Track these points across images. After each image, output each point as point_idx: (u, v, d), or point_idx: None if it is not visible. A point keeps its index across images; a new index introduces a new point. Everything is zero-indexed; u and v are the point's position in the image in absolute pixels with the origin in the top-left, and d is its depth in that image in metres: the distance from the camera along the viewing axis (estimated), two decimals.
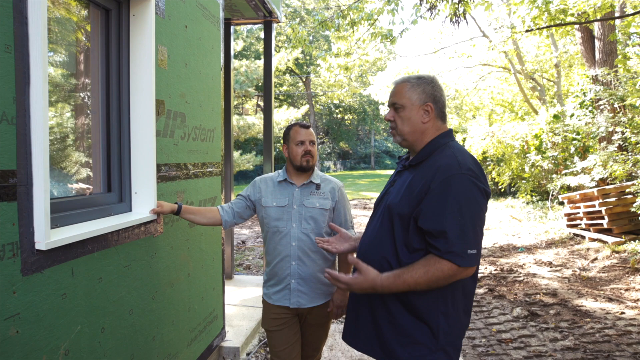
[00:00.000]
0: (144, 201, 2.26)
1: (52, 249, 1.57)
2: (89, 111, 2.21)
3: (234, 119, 16.56)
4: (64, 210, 1.82)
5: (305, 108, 23.81)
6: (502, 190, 14.56)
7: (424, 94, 1.64)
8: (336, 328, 4.02)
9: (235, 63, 17.52)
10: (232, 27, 5.07)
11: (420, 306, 1.55)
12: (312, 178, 2.32)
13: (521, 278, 5.92)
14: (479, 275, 6.16)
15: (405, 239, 1.56)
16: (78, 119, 2.24)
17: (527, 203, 12.26)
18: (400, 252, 1.56)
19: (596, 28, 8.92)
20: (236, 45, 18.38)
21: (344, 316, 2.00)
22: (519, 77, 13.91)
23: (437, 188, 1.49)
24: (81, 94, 2.21)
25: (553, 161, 10.33)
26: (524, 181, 11.58)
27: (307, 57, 30.65)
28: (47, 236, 1.51)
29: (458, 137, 14.68)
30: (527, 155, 10.98)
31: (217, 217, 2.33)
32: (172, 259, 2.54)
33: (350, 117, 41.65)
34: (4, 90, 1.37)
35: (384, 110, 20.36)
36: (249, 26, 25.24)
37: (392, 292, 1.53)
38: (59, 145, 2.17)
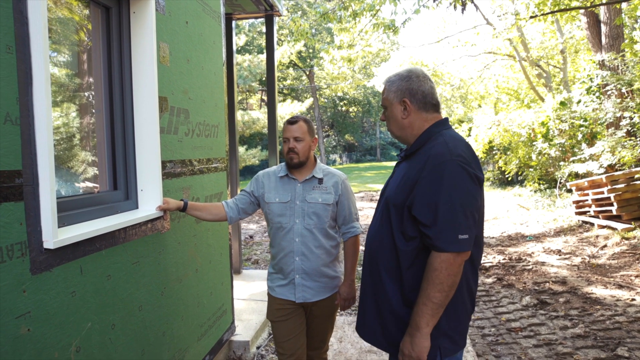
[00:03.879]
0: (150, 198, 2.27)
1: (60, 248, 1.58)
2: (92, 110, 2.22)
3: (239, 114, 16.55)
4: (71, 209, 1.84)
5: (309, 101, 23.71)
6: (510, 179, 14.47)
7: (398, 91, 1.68)
8: (345, 320, 4.03)
9: (238, 58, 17.49)
10: (233, 22, 5.06)
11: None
12: (314, 172, 2.31)
13: (530, 267, 5.90)
14: (488, 264, 6.14)
15: (401, 228, 1.59)
16: (82, 118, 2.25)
17: (535, 191, 12.18)
18: (397, 240, 1.60)
19: (602, 12, 8.78)
20: (238, 40, 18.32)
21: (352, 307, 2.01)
22: (525, 64, 13.75)
23: (427, 176, 1.52)
24: (84, 93, 2.22)
25: (560, 148, 10.23)
26: (531, 169, 11.49)
27: (310, 50, 30.54)
28: (54, 235, 1.53)
29: (464, 127, 14.59)
30: (534, 143, 10.88)
31: (222, 213, 2.35)
32: (180, 255, 2.55)
33: (355, 110, 41.51)
34: (6, 91, 1.38)
35: None
36: (250, 20, 25.15)
37: (433, 320, 1.51)
38: (64, 145, 2.18)
